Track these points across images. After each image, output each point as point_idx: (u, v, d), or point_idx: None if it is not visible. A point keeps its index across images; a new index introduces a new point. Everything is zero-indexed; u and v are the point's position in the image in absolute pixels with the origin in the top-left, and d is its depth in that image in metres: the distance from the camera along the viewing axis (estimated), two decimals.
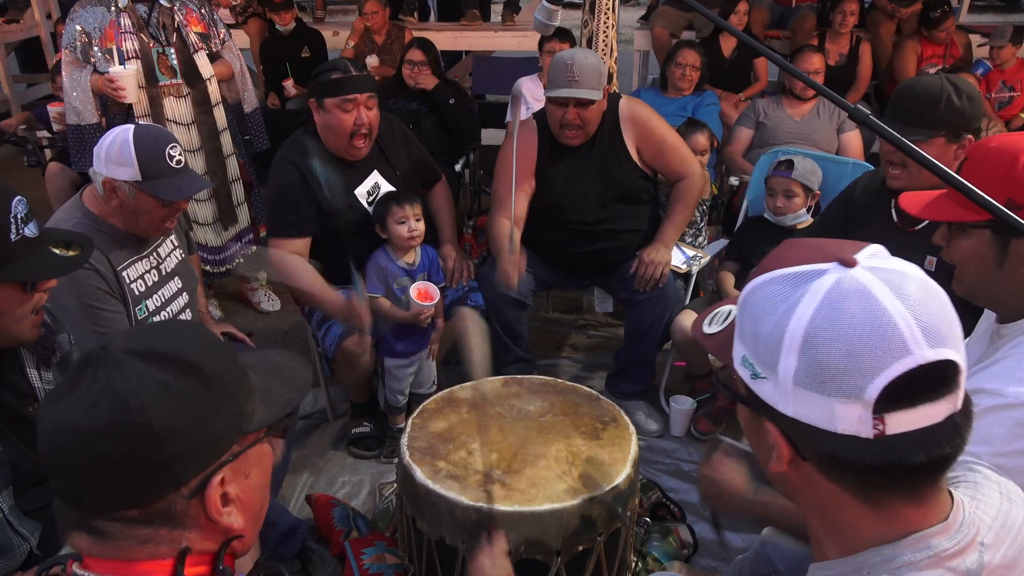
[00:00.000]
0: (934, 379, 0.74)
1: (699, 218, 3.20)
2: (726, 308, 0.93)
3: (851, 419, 0.74)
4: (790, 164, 2.74)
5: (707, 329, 0.93)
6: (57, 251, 1.44)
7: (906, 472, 0.76)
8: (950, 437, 0.75)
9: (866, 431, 0.74)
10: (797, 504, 0.88)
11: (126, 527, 0.81)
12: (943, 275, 1.10)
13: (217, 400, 0.84)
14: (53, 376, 1.58)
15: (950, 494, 0.84)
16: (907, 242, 2.00)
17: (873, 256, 0.78)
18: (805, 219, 2.77)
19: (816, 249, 0.80)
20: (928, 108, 1.94)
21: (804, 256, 0.79)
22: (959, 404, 0.77)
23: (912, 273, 0.77)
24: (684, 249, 2.94)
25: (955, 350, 0.75)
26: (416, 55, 3.86)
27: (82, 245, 1.51)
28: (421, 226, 2.49)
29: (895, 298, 0.73)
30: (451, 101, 3.85)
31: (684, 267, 2.83)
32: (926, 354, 0.72)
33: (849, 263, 0.76)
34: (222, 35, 3.17)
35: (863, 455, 0.75)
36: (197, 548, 0.84)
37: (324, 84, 2.45)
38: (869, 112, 1.18)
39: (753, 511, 1.42)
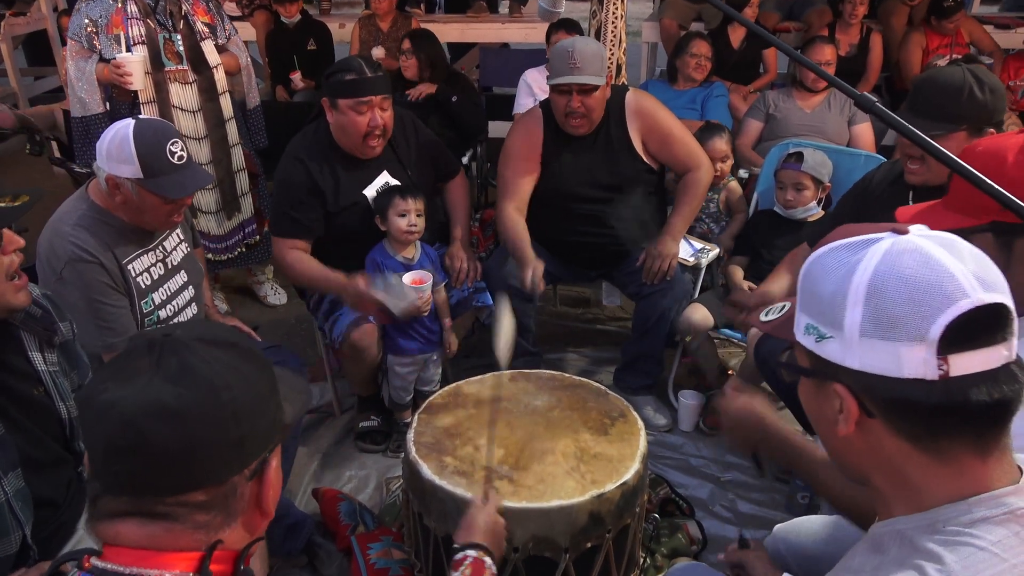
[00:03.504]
0: (991, 321, 0.79)
1: (712, 211, 3.16)
2: (780, 303, 1.01)
3: (916, 361, 0.79)
4: (800, 157, 2.71)
5: (765, 318, 1.00)
6: (3, 204, 1.45)
7: (971, 414, 0.80)
8: (1010, 380, 0.80)
9: (931, 373, 0.79)
10: (862, 471, 0.90)
11: (189, 511, 0.83)
12: None
13: (271, 386, 0.90)
14: (57, 358, 1.57)
15: (1019, 467, 0.87)
16: None
17: (922, 228, 0.86)
18: (815, 212, 2.74)
19: (869, 227, 0.87)
20: (949, 101, 1.87)
21: (858, 231, 0.87)
22: (1014, 354, 0.81)
23: (957, 238, 0.84)
24: (692, 242, 2.91)
25: (1007, 296, 0.80)
26: (404, 44, 3.86)
27: (30, 194, 1.51)
28: (421, 222, 2.46)
29: (947, 253, 0.81)
30: (453, 99, 3.82)
31: (692, 260, 2.80)
32: (982, 296, 0.78)
33: (903, 231, 0.84)
34: (228, 30, 3.17)
35: (929, 396, 0.80)
36: (227, 542, 0.86)
37: (338, 85, 2.41)
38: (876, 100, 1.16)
39: (779, 443, 1.37)
